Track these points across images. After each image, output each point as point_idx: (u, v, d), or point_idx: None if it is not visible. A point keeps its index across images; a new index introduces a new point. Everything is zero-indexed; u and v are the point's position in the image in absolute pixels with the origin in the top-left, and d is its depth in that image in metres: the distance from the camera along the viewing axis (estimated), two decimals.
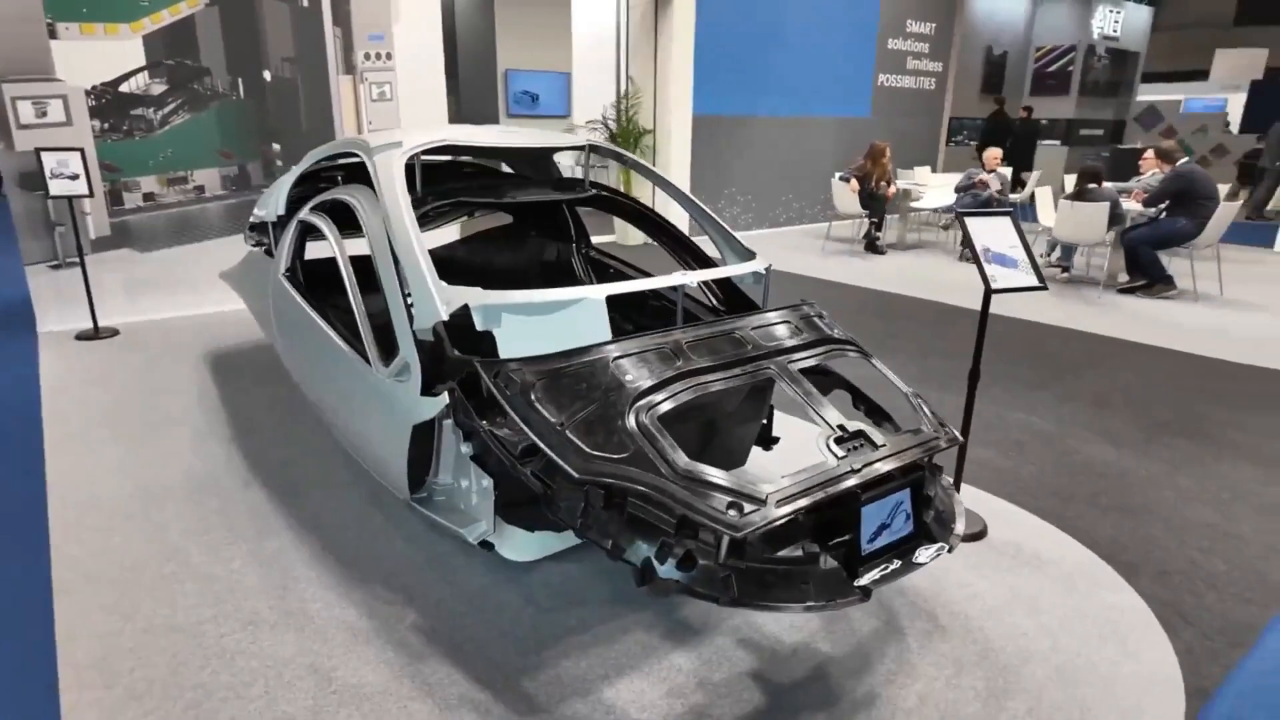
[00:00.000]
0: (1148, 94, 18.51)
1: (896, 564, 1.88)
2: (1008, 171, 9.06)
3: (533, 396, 1.98)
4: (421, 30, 6.48)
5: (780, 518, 1.70)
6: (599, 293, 2.32)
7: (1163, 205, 6.86)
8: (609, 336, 2.25)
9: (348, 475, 3.25)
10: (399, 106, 6.46)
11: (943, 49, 12.13)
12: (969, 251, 2.56)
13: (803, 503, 1.74)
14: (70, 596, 2.45)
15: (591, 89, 13.25)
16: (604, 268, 3.95)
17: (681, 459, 1.82)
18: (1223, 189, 7.23)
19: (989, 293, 2.58)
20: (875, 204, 8.74)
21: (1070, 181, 8.71)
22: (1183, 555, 2.76)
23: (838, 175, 8.89)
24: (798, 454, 2.23)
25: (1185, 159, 7.16)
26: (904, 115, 11.79)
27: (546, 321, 2.24)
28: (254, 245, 3.94)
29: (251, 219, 3.75)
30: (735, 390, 2.24)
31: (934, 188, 9.42)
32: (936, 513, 2.06)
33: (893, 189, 8.89)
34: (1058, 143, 16.39)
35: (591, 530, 1.88)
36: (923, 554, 1.89)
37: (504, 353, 2.17)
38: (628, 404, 1.94)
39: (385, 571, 2.60)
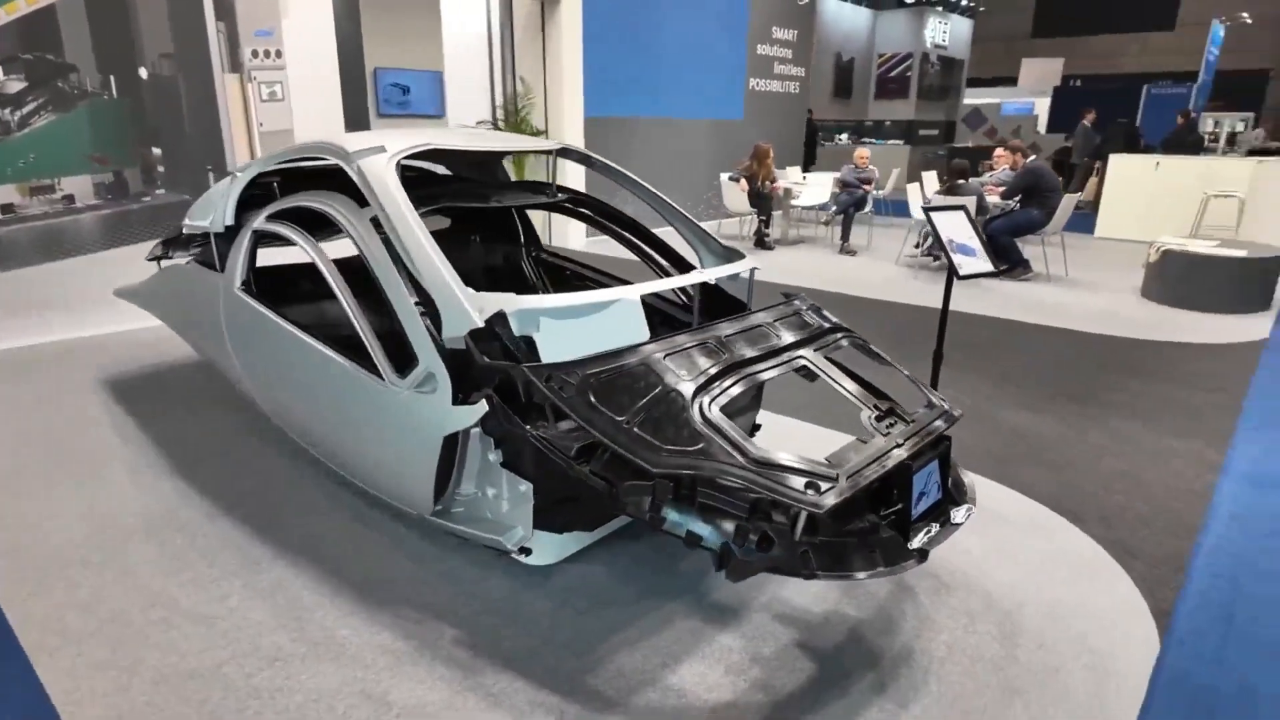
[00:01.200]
0: (971, 98, 20.51)
1: (936, 527, 2.08)
2: (875, 170, 9.79)
3: (591, 398, 2.02)
4: (312, 26, 6.15)
5: (853, 492, 1.84)
6: (633, 293, 2.37)
7: (1016, 198, 7.70)
8: (646, 336, 2.32)
9: (324, 499, 3.09)
10: (291, 107, 6.10)
11: (804, 55, 12.88)
12: (937, 242, 2.83)
13: (870, 476, 1.90)
14: (53, 658, 2.20)
15: (464, 88, 12.98)
16: (559, 270, 3.97)
17: (752, 446, 1.92)
18: None
19: (953, 279, 2.86)
20: (762, 202, 9.19)
21: (931, 179, 9.57)
22: (1112, 501, 3.18)
23: (727, 176, 9.26)
24: (781, 442, 2.34)
25: (1034, 156, 8.06)
26: (772, 118, 12.42)
27: (585, 324, 2.26)
28: (188, 258, 3.62)
29: (185, 229, 3.44)
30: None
31: (811, 186, 10.02)
32: (954, 479, 2.28)
33: (778, 187, 9.38)
34: (900, 142, 17.84)
35: (666, 522, 1.95)
36: (958, 515, 2.10)
37: (545, 357, 2.18)
38: (689, 398, 2.02)
39: (402, 591, 2.52)
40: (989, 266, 2.84)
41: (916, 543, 1.99)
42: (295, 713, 2.00)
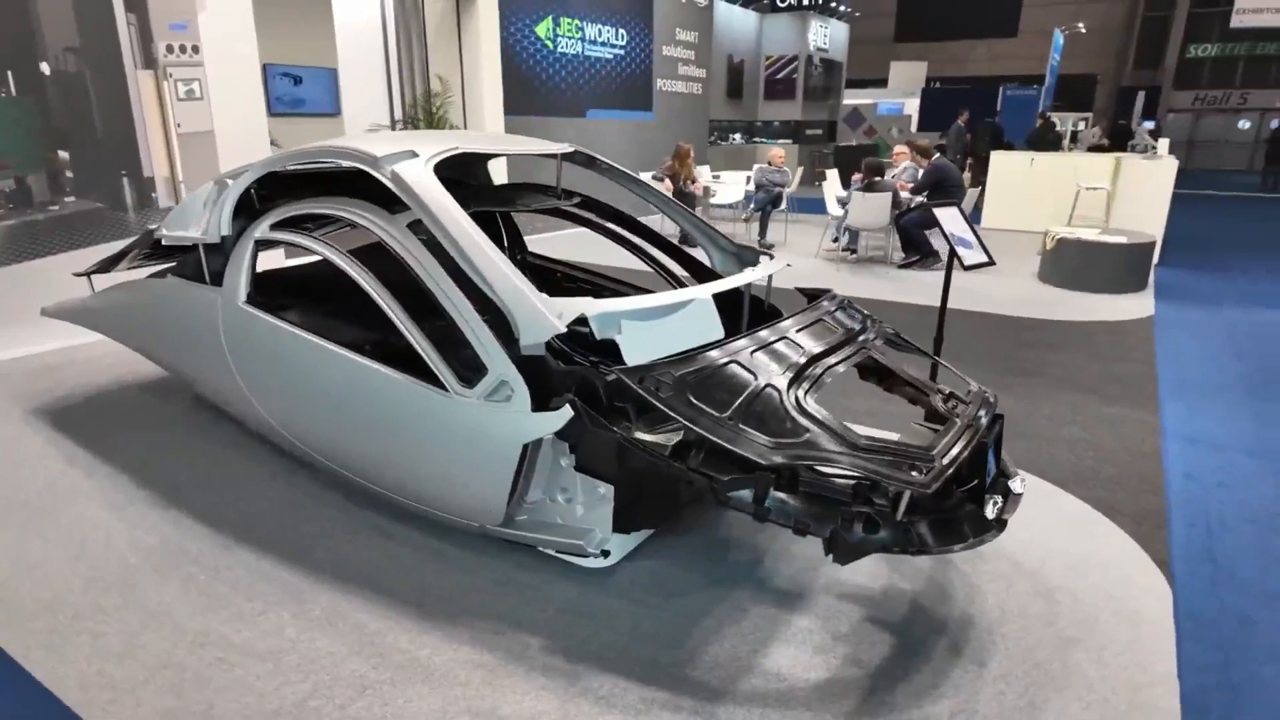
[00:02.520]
0: (850, 99, 21.64)
1: (1000, 498, 2.26)
2: (789, 171, 10.21)
3: (690, 396, 2.06)
4: (231, 19, 5.76)
5: (951, 471, 1.99)
6: (705, 292, 2.43)
7: (925, 193, 8.25)
8: (721, 334, 2.37)
9: (341, 518, 2.95)
10: (211, 107, 5.69)
11: (705, 56, 13.21)
12: (945, 236, 3.05)
13: (959, 456, 2.05)
14: (112, 713, 2.01)
15: (361, 86, 12.47)
16: (548, 273, 3.94)
17: (851, 433, 2.03)
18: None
19: (952, 269, 3.09)
20: (685, 200, 9.38)
21: (834, 178, 10.08)
22: (1083, 466, 3.53)
23: (651, 175, 9.38)
24: None
25: (937, 154, 8.67)
26: (680, 118, 12.68)
27: (663, 324, 2.30)
28: (148, 271, 3.33)
29: (164, 240, 3.15)
30: None
31: (727, 184, 10.31)
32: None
33: (697, 186, 9.60)
34: (789, 141, 18.60)
35: (771, 513, 2.02)
36: (1015, 485, 2.29)
37: (629, 359, 2.20)
38: (785, 391, 2.10)
39: (467, 604, 2.46)
40: (985, 257, 3.09)
41: (990, 514, 2.16)
42: None
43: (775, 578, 2.64)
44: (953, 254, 3.05)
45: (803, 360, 2.26)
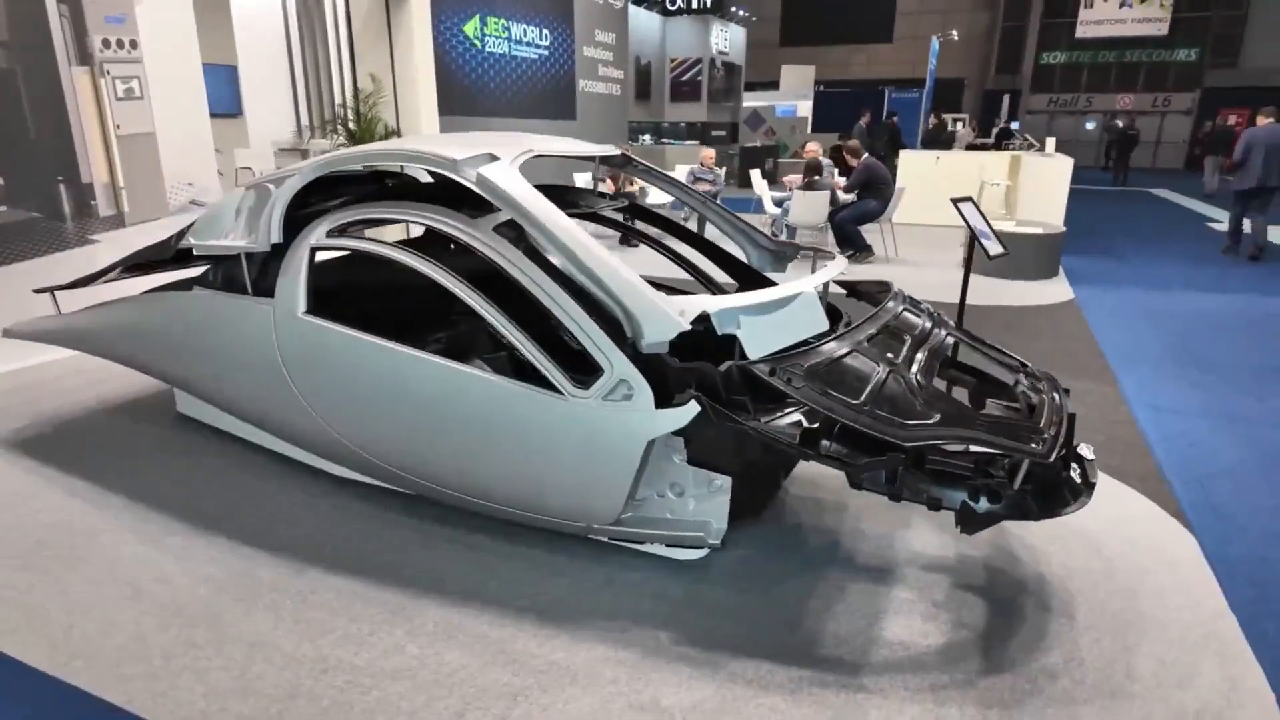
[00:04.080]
0: (748, 101, 22.34)
1: (1076, 465, 2.49)
2: (722, 170, 10.49)
3: (822, 386, 2.16)
4: (169, 11, 5.37)
5: (1062, 442, 2.19)
6: (810, 286, 2.52)
7: (856, 191, 8.71)
8: (826, 325, 2.48)
9: (408, 533, 2.87)
10: (152, 106, 5.29)
11: (622, 58, 13.33)
12: (971, 229, 3.29)
13: (1061, 427, 2.25)
14: None
15: (263, 85, 11.84)
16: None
17: (972, 410, 2.19)
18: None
19: (972, 259, 3.33)
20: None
21: (757, 177, 10.45)
22: (1088, 440, 3.88)
23: (591, 176, 9.40)
24: None
25: (866, 154, 9.14)
26: (602, 119, 12.74)
27: (776, 318, 2.38)
28: (186, 282, 3.07)
29: (197, 250, 2.92)
30: None
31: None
32: None
33: (636, 187, 9.70)
34: (696, 142, 19.01)
35: (905, 491, 2.16)
36: (1086, 450, 2.53)
37: (751, 353, 2.27)
38: (907, 377, 2.24)
39: (580, 607, 2.46)
40: (1002, 248, 3.37)
41: (1080, 479, 2.38)
42: None
43: (857, 556, 2.78)
44: (971, 245, 3.30)
45: (908, 348, 2.41)
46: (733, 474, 2.34)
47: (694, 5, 28.73)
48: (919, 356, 2.39)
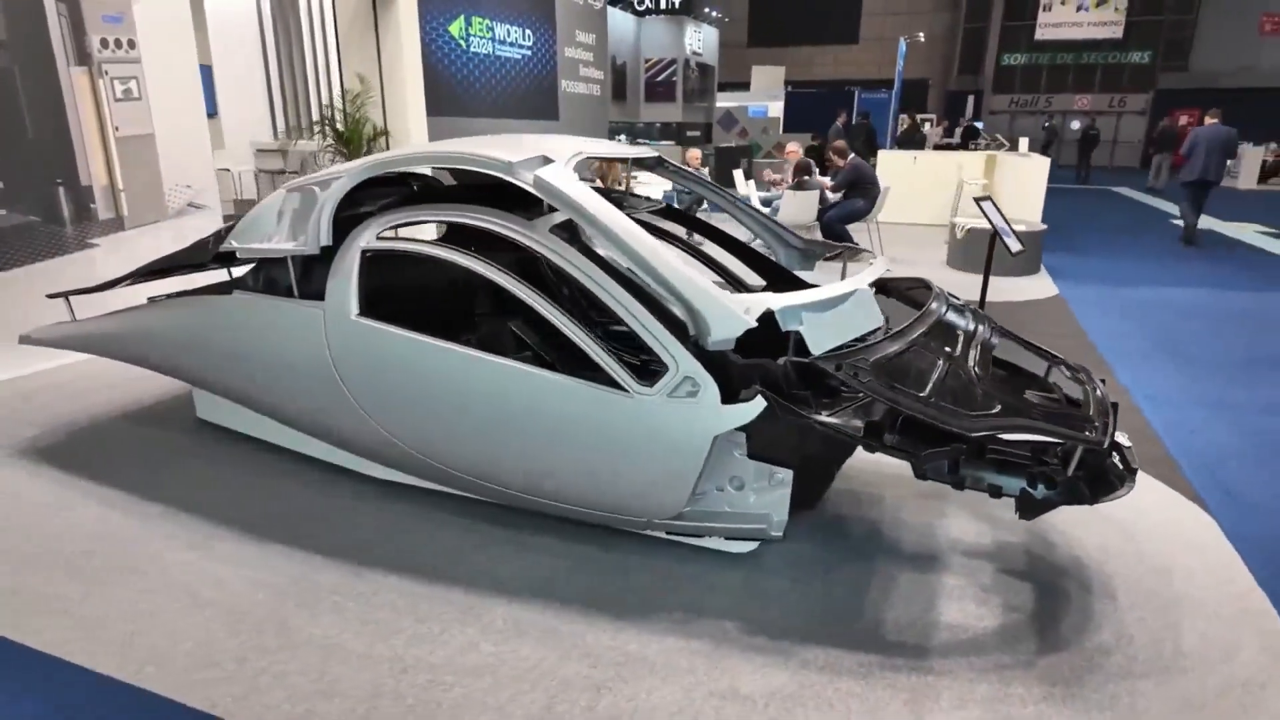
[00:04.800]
0: (721, 101, 22.51)
1: (1117, 454, 2.60)
2: (705, 171, 10.59)
3: (888, 380, 2.24)
4: (166, 10, 5.27)
5: (1112, 430, 2.29)
6: (864, 282, 2.60)
7: (843, 190, 8.86)
8: (882, 321, 2.56)
9: (464, 535, 2.88)
10: (150, 108, 5.19)
11: (602, 58, 13.35)
12: (993, 227, 3.40)
13: (1108, 415, 2.35)
14: None
15: (239, 85, 11.65)
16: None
17: (1025, 402, 2.28)
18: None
19: (992, 257, 3.45)
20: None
21: (739, 177, 10.57)
22: None
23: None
24: None
25: (853, 154, 9.30)
26: (583, 119, 12.75)
27: (835, 315, 2.45)
28: (224, 285, 3.03)
29: (240, 253, 2.88)
30: None
31: (646, 184, 10.53)
32: None
33: (622, 186, 9.75)
34: (672, 142, 19.12)
35: (968, 480, 2.25)
36: (1122, 438, 2.64)
37: (814, 348, 2.34)
38: (966, 369, 2.32)
39: (644, 600, 2.51)
40: (1020, 245, 3.49)
41: (1122, 465, 2.49)
42: None
43: (901, 545, 2.87)
44: (993, 242, 3.42)
45: (961, 342, 2.50)
46: (793, 467, 2.40)
47: (663, 5, 28.88)
48: (972, 350, 2.49)
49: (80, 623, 2.36)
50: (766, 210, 9.23)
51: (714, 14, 19.83)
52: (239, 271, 3.26)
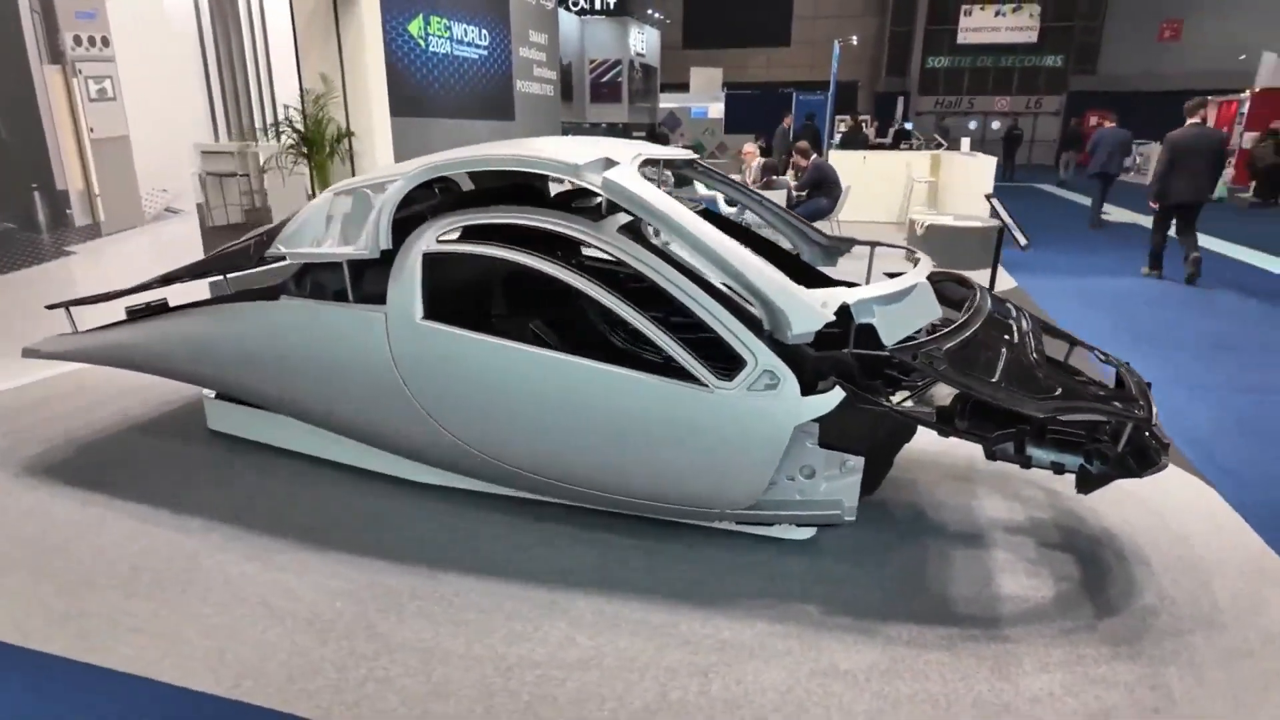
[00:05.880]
0: (664, 102, 22.72)
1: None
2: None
3: (962, 367, 2.37)
4: (140, 5, 5.06)
5: (1154, 408, 2.49)
6: (922, 276, 2.73)
7: (808, 190, 9.12)
8: (940, 313, 2.69)
9: (528, 533, 2.90)
10: (125, 109, 4.97)
11: (554, 58, 13.32)
12: (1003, 222, 3.61)
13: (1147, 394, 2.55)
14: None
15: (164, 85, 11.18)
16: (608, 273, 4.01)
17: (1080, 383, 2.46)
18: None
19: (1000, 252, 3.65)
20: None
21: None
22: None
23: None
24: None
25: (815, 155, 9.57)
26: (537, 120, 12.71)
27: (902, 307, 2.57)
28: (271, 290, 2.94)
29: (291, 258, 2.80)
30: None
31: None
32: None
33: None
34: None
35: (1031, 460, 2.41)
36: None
37: (886, 340, 2.45)
38: (1026, 356, 2.48)
39: (720, 589, 2.58)
40: (1026, 239, 3.71)
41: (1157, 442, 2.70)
42: (792, 706, 2.07)
43: (945, 525, 3.02)
44: (1001, 234, 3.62)
45: (1015, 331, 2.66)
46: (865, 454, 2.52)
47: (598, 6, 28.87)
48: (1027, 338, 2.66)
49: (160, 640, 2.29)
50: (733, 210, 9.43)
51: (656, 15, 20.01)
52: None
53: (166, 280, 3.23)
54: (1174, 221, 7.79)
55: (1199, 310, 6.66)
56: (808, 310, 2.38)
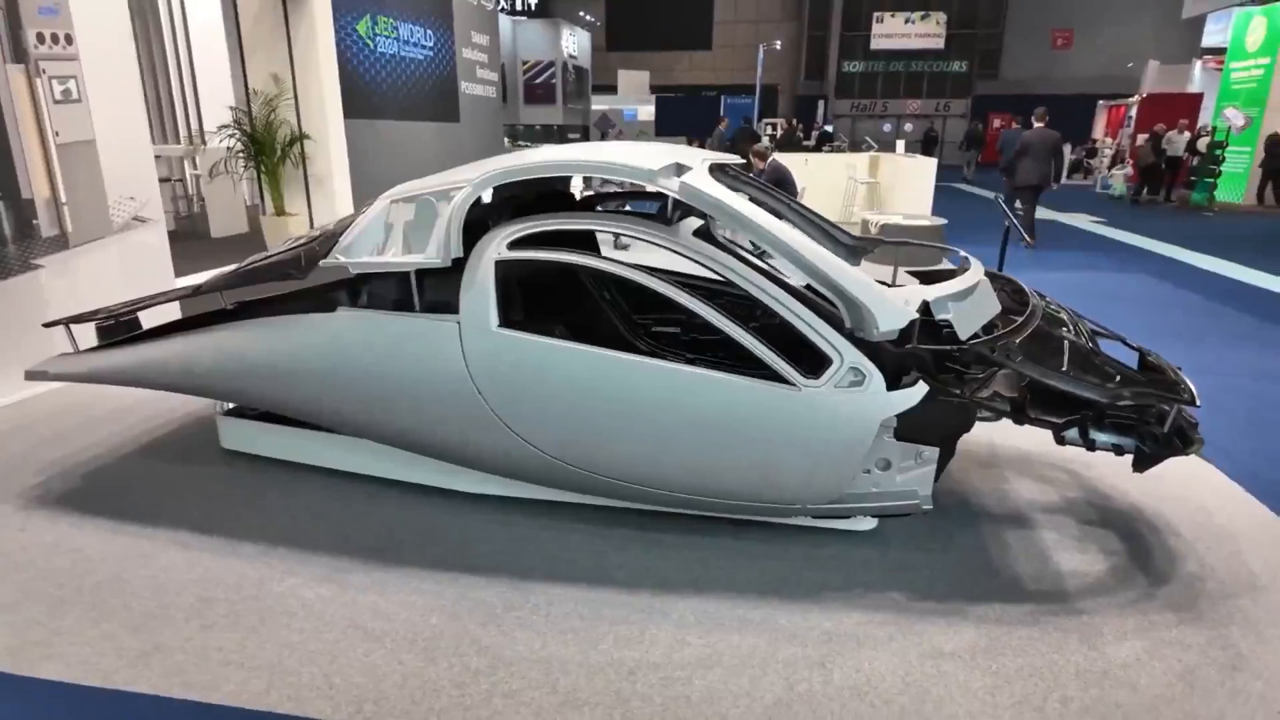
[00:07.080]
0: (597, 104, 22.76)
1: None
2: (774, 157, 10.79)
3: (1034, 360, 2.51)
4: (101, 1, 4.75)
5: (1195, 391, 2.70)
6: (980, 273, 2.86)
7: None
8: (999, 309, 2.83)
9: (593, 540, 2.89)
10: (90, 110, 4.66)
11: (496, 60, 13.15)
12: (1009, 222, 3.81)
13: (1183, 379, 2.77)
14: None
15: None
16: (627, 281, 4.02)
17: (1133, 370, 2.64)
18: None
19: (1006, 249, 3.87)
20: None
21: None
22: None
23: None
24: None
25: (773, 156, 9.77)
26: (481, 121, 12.52)
27: (971, 304, 2.69)
28: (326, 301, 2.80)
29: (355, 268, 2.67)
30: None
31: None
32: None
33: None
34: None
35: (1095, 443, 2.57)
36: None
37: (961, 334, 2.57)
38: (1084, 346, 2.64)
39: (803, 582, 2.65)
40: (1030, 239, 3.92)
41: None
42: (914, 690, 2.15)
43: (991, 510, 3.19)
44: (1007, 234, 3.84)
45: (1068, 324, 2.84)
46: (940, 445, 2.64)
47: (517, 6, 28.59)
48: (1081, 329, 2.84)
49: (260, 672, 2.18)
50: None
51: (587, 17, 20.03)
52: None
53: (197, 292, 3.06)
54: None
55: (1162, 301, 7.18)
56: (893, 308, 2.47)
